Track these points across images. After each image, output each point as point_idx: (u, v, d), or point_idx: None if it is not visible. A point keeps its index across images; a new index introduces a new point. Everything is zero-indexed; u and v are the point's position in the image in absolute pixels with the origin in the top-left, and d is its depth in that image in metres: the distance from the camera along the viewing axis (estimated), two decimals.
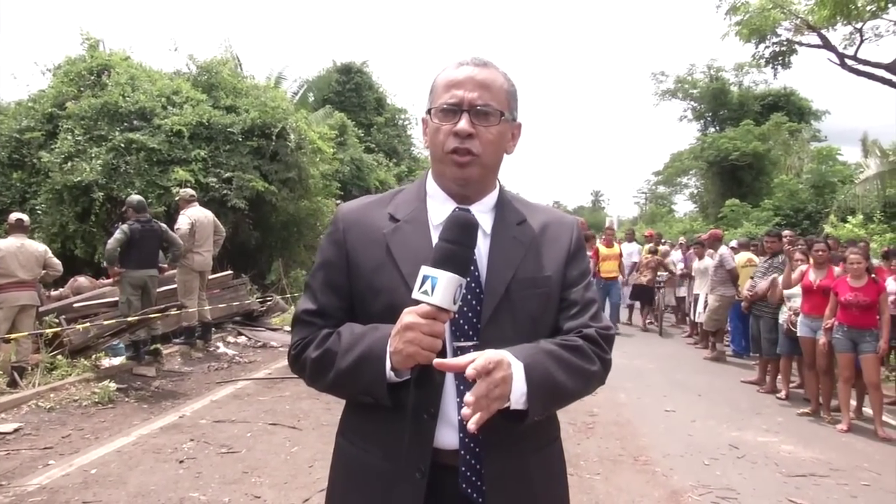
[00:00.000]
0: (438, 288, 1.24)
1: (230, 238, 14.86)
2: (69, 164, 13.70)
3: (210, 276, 10.70)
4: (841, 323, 6.39)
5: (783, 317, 7.63)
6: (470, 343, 1.39)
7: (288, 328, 11.62)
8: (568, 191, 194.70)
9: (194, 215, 9.14)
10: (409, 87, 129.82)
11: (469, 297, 1.39)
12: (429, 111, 1.51)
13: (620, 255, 12.58)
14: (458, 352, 1.37)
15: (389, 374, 1.33)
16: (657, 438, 5.90)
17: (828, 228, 17.05)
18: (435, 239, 1.42)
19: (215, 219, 9.67)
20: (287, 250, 17.41)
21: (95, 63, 15.73)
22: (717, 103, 32.50)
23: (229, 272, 11.34)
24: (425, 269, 1.27)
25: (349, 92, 32.91)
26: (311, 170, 16.19)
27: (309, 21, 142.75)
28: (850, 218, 17.63)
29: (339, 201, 20.70)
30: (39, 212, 14.07)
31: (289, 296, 15.33)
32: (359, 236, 1.49)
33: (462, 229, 1.30)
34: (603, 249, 12.37)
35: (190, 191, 9.84)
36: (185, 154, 14.25)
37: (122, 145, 13.88)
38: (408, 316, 1.27)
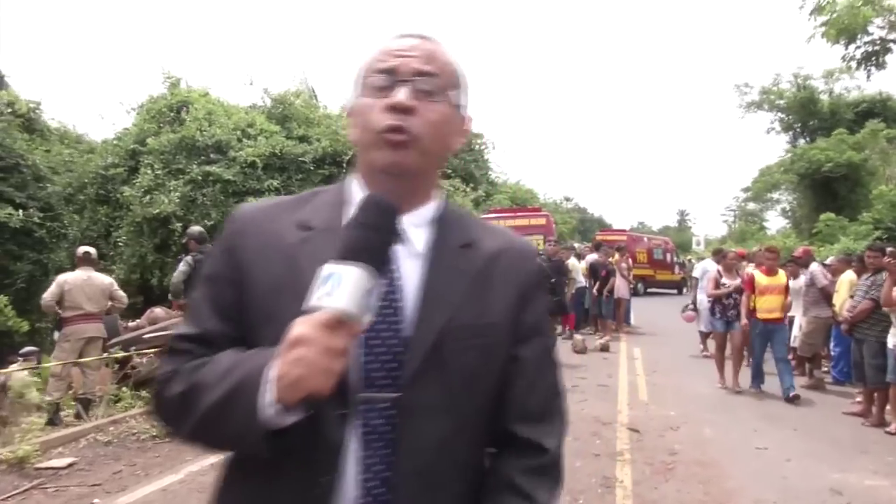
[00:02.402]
0: (344, 287, 0.91)
1: None
2: (148, 197, 14.13)
3: None
4: None
5: (893, 340, 6.84)
6: (389, 395, 1.05)
7: None
8: (653, 211, 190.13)
9: None
10: (483, 110, 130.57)
11: (384, 330, 1.07)
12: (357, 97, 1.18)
13: (787, 287, 8.86)
14: (365, 405, 1.05)
15: (267, 410, 0.95)
16: (746, 481, 5.27)
17: None
18: None
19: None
20: None
21: (175, 100, 16.28)
22: (807, 113, 30.97)
23: None
24: (328, 267, 0.93)
25: None
26: None
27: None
28: None
29: None
30: (120, 244, 14.55)
31: None
32: (259, 246, 1.15)
33: (378, 211, 0.99)
34: (761, 278, 8.70)
35: None
36: (258, 185, 14.50)
37: (199, 178, 14.23)
38: (299, 327, 0.92)
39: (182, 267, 8.11)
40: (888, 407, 7.15)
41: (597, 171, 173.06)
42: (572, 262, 14.12)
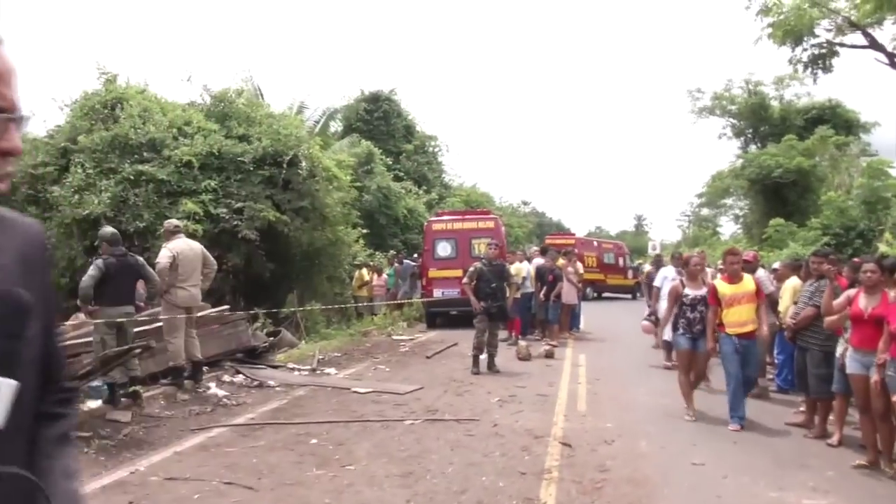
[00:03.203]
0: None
1: (243, 270, 14.43)
2: (78, 197, 13.44)
3: (209, 311, 10.12)
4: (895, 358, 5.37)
5: (840, 349, 6.59)
6: None
7: (293, 364, 11.04)
8: (611, 216, 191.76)
9: (177, 248, 8.52)
10: (438, 113, 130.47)
11: None
12: None
13: (759, 292, 7.40)
14: None
15: None
16: (679, 502, 4.94)
17: (882, 247, 15.82)
18: None
19: (204, 251, 9.03)
20: (308, 282, 16.86)
21: (110, 96, 15.60)
22: (758, 119, 31.38)
23: (226, 307, 10.70)
24: None
25: (377, 120, 32.78)
26: (327, 198, 15.63)
27: (336, 50, 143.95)
28: None
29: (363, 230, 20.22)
30: (49, 246, 13.85)
31: (303, 330, 14.72)
32: None
33: (13, 315, 1.01)
34: (724, 288, 7.28)
35: (174, 221, 9.25)
36: (194, 185, 13.98)
37: (132, 177, 13.63)
38: None
39: (92, 271, 7.62)
40: (831, 417, 6.92)
41: (556, 175, 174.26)
42: (517, 266, 13.82)
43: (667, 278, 10.91)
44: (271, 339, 11.42)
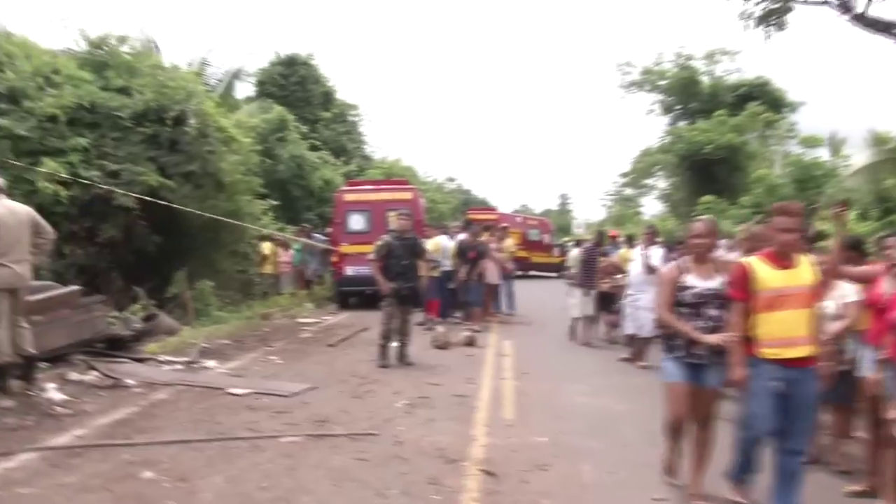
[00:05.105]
0: None
1: (124, 245, 12.55)
2: None
3: (55, 292, 8.23)
4: None
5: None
6: None
7: (165, 356, 9.26)
8: (536, 194, 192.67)
9: None
10: (362, 84, 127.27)
11: None
12: None
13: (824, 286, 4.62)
14: None
15: None
16: None
17: (820, 225, 15.22)
18: None
19: (35, 217, 7.10)
20: (205, 257, 14.98)
21: None
22: (687, 94, 30.74)
23: (76, 288, 8.73)
24: None
25: (293, 85, 30.73)
26: (221, 163, 13.73)
27: (254, 13, 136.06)
28: None
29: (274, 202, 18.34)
30: None
31: (192, 312, 12.82)
32: None
33: None
34: (765, 273, 4.00)
35: None
36: (61, 143, 11.93)
37: None
38: None
39: None
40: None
41: (482, 153, 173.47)
42: (436, 241, 12.37)
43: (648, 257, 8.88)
44: (141, 325, 9.56)
